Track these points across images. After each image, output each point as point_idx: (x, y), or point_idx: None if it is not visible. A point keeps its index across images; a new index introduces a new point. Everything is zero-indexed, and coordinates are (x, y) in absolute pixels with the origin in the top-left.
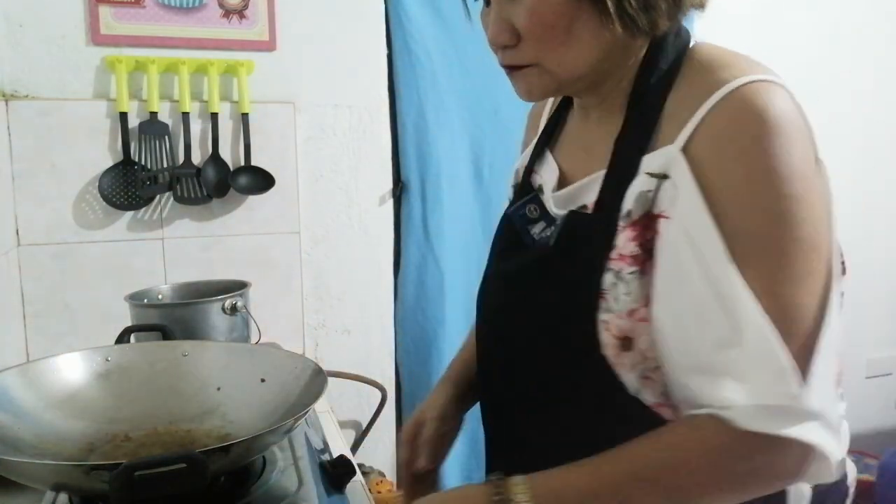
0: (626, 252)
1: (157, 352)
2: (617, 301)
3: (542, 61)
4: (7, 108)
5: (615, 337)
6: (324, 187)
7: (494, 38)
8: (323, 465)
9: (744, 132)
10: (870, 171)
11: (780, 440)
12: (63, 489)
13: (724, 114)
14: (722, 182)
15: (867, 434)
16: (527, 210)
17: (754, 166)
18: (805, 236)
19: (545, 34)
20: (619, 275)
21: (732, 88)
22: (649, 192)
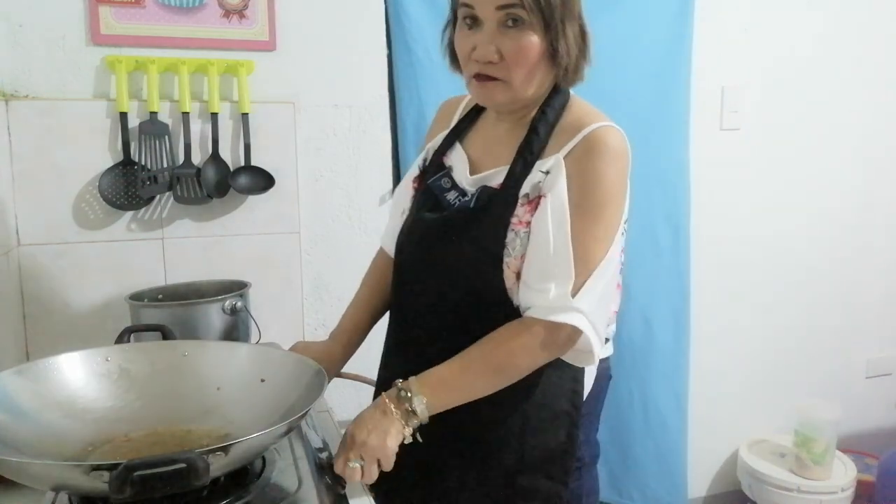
0: (523, 219)
1: (157, 352)
2: (514, 249)
3: (510, 80)
4: (7, 108)
5: (512, 272)
6: (324, 187)
7: (486, 56)
8: (323, 465)
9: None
10: (869, 172)
11: (557, 324)
12: (63, 489)
13: (586, 141)
14: (575, 177)
15: (867, 434)
16: (442, 182)
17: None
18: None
19: (521, 64)
20: (518, 233)
21: (593, 128)
22: (539, 182)
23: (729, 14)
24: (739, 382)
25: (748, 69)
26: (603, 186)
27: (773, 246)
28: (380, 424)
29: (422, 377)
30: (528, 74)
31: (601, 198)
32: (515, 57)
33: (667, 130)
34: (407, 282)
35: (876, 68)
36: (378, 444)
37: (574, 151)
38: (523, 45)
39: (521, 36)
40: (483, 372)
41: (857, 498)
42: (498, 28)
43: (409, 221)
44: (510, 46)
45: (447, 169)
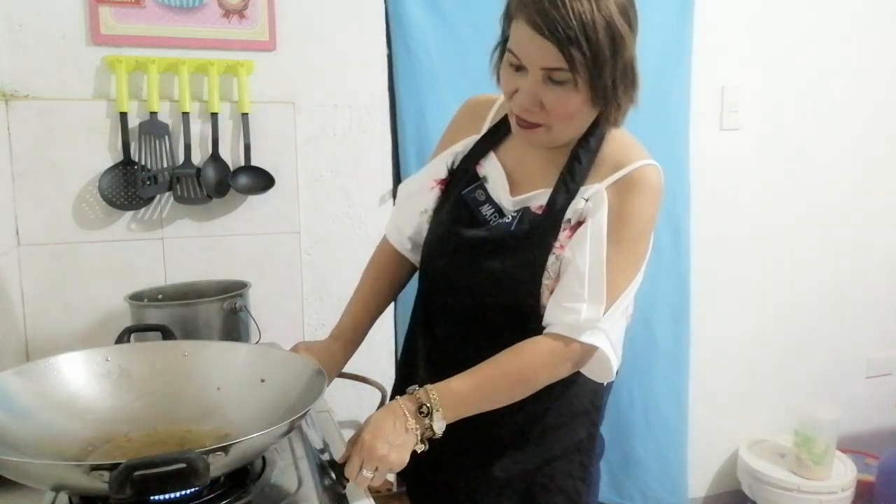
0: (565, 244)
1: (157, 352)
2: (553, 273)
3: (552, 127)
4: (7, 108)
5: (548, 291)
6: (324, 187)
7: (525, 107)
8: (323, 465)
9: (634, 190)
10: (869, 172)
11: (583, 343)
12: (63, 489)
13: (630, 178)
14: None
15: (867, 434)
16: (476, 194)
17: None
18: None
19: (562, 115)
20: (558, 257)
21: (639, 166)
22: (580, 209)
23: (729, 14)
24: (739, 382)
25: (748, 69)
26: (641, 223)
27: (772, 246)
28: (399, 439)
29: (441, 392)
30: (568, 124)
31: (637, 233)
32: (557, 110)
33: (667, 130)
34: (439, 292)
35: (876, 68)
36: (397, 459)
37: (617, 184)
38: (564, 101)
39: (563, 92)
40: (503, 387)
41: (857, 498)
42: (542, 81)
43: (440, 231)
44: (552, 100)
45: (481, 180)
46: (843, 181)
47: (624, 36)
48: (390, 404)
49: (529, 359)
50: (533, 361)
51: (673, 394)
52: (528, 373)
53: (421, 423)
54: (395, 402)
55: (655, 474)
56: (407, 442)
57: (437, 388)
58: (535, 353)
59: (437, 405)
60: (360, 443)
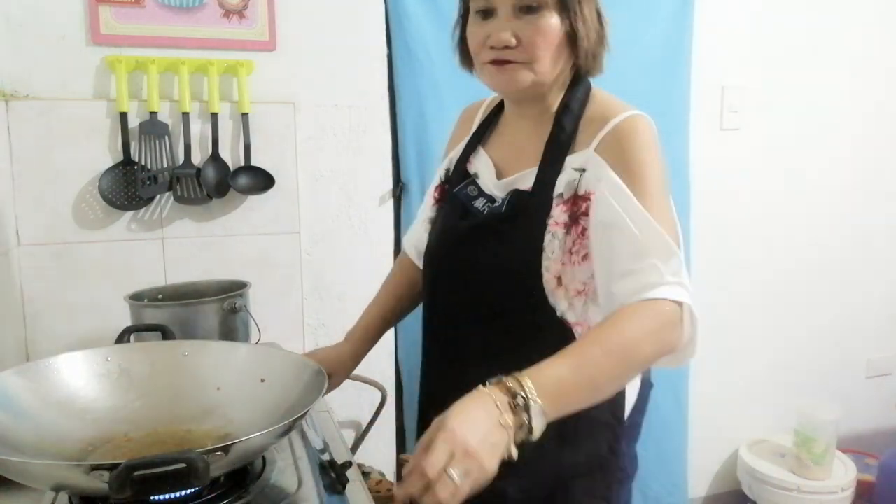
0: (560, 220)
1: (157, 352)
2: (553, 252)
3: (532, 61)
4: (7, 108)
5: (552, 276)
6: (324, 187)
7: (504, 40)
8: (323, 465)
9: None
10: (869, 172)
11: (678, 302)
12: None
13: (616, 131)
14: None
15: (867, 434)
16: (468, 190)
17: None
18: (661, 187)
19: (542, 46)
20: (555, 235)
21: (623, 118)
22: (574, 180)
23: (729, 14)
24: (739, 382)
25: (748, 69)
26: (649, 170)
27: (772, 245)
28: (494, 437)
29: (537, 379)
30: (551, 57)
31: (654, 180)
32: (535, 40)
33: (666, 130)
34: (440, 292)
35: (876, 68)
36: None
37: (604, 142)
38: (542, 27)
39: (538, 20)
40: (607, 366)
41: (857, 498)
42: (514, 14)
43: (437, 231)
44: (529, 31)
45: (472, 176)
46: (843, 181)
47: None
48: (474, 393)
49: (629, 328)
50: (635, 331)
51: (673, 394)
52: (631, 345)
53: (518, 418)
54: (481, 390)
55: (655, 474)
56: (500, 442)
57: (530, 373)
58: (633, 321)
59: (535, 395)
60: (445, 430)
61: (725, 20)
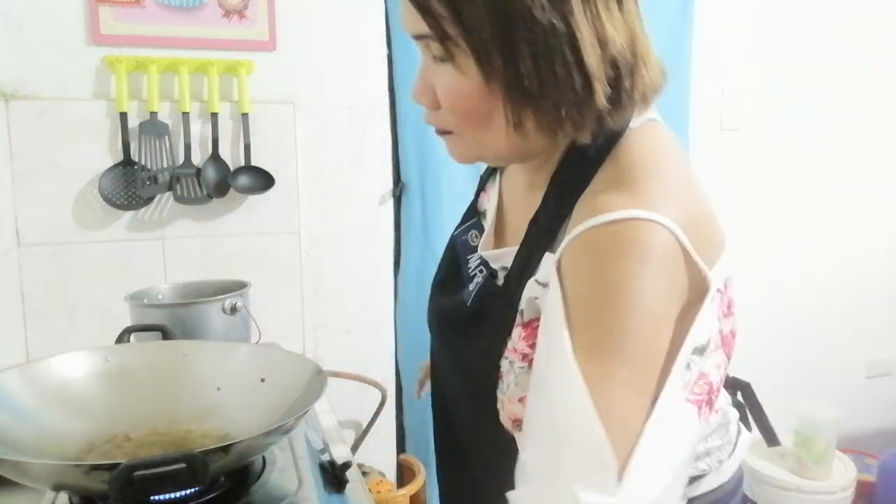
0: (518, 348)
1: (157, 352)
2: (508, 387)
3: (461, 133)
4: (7, 108)
5: (508, 418)
6: (324, 187)
7: (415, 98)
8: (323, 465)
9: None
10: (869, 172)
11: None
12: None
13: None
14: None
15: (867, 434)
16: (469, 236)
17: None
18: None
19: (458, 110)
20: (512, 364)
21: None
22: (536, 298)
23: (729, 14)
24: None
25: (748, 69)
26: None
27: (772, 246)
28: None
29: None
30: (476, 124)
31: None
32: (446, 100)
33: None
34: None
35: (876, 68)
36: None
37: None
38: (451, 85)
39: (448, 73)
40: None
41: (857, 498)
42: (431, 60)
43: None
44: (439, 86)
45: (479, 216)
46: (843, 181)
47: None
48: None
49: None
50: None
51: None
52: None
53: None
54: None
55: None
56: None
57: None
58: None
59: None
60: None
61: (726, 20)
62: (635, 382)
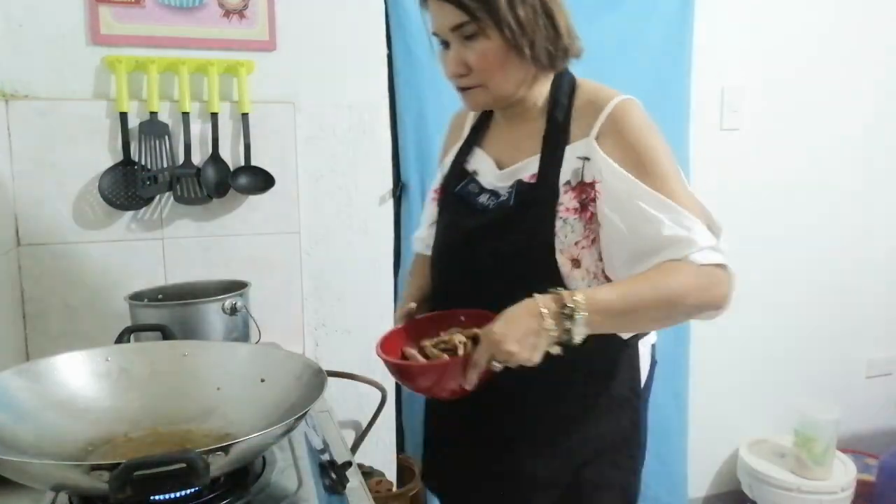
0: (570, 206)
1: (157, 352)
2: (566, 237)
3: (486, 83)
4: (7, 108)
5: (567, 259)
6: (324, 187)
7: (454, 71)
8: (323, 465)
9: (623, 127)
10: (869, 171)
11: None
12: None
13: (611, 119)
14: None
15: (867, 434)
16: (469, 188)
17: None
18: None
19: (489, 68)
20: (566, 221)
21: (616, 103)
22: (578, 169)
23: (729, 14)
24: (739, 382)
25: (748, 69)
26: (653, 152)
27: (772, 246)
28: (531, 339)
29: (589, 295)
30: (500, 75)
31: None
32: (481, 64)
33: (667, 130)
34: (453, 290)
35: (876, 68)
36: (526, 357)
37: (603, 132)
38: (482, 52)
39: (479, 45)
40: (651, 303)
41: (857, 498)
42: (461, 44)
43: (442, 231)
44: (473, 57)
45: (471, 175)
46: (843, 181)
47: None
48: (527, 301)
49: (681, 278)
50: (684, 282)
51: (673, 394)
52: (680, 293)
53: (560, 324)
54: (534, 299)
55: (655, 474)
56: (540, 343)
57: (582, 290)
58: (683, 271)
59: (583, 307)
60: (490, 333)
61: (725, 20)
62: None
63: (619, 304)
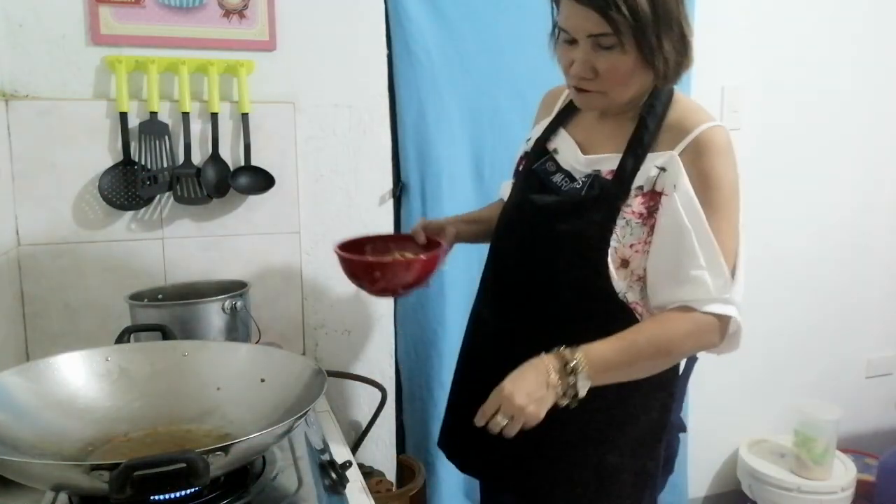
0: (637, 210)
1: (157, 352)
2: (623, 238)
3: (607, 92)
4: (7, 108)
5: (618, 258)
6: (324, 187)
7: (580, 74)
8: (323, 465)
9: (705, 153)
10: (869, 171)
11: (721, 316)
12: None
13: (698, 142)
14: (695, 177)
15: (867, 434)
16: (546, 166)
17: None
18: (732, 208)
19: (616, 80)
20: (629, 222)
21: (704, 129)
22: (653, 177)
23: (729, 14)
24: (739, 382)
25: (748, 69)
26: (724, 183)
27: (772, 246)
28: (539, 393)
29: (589, 352)
30: (623, 86)
31: (726, 195)
32: (609, 75)
33: None
34: (511, 259)
35: (876, 68)
36: (534, 412)
37: (688, 151)
38: (616, 64)
39: (613, 56)
40: (647, 355)
41: (857, 498)
42: (592, 48)
43: (513, 202)
44: (604, 66)
45: (550, 153)
46: (844, 181)
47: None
48: (534, 360)
49: (674, 328)
50: (678, 331)
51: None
52: (675, 342)
53: (565, 380)
54: (540, 358)
55: None
56: (546, 398)
57: (584, 349)
58: (680, 322)
59: (584, 366)
60: (500, 389)
61: (726, 20)
62: (733, 232)
63: (617, 357)
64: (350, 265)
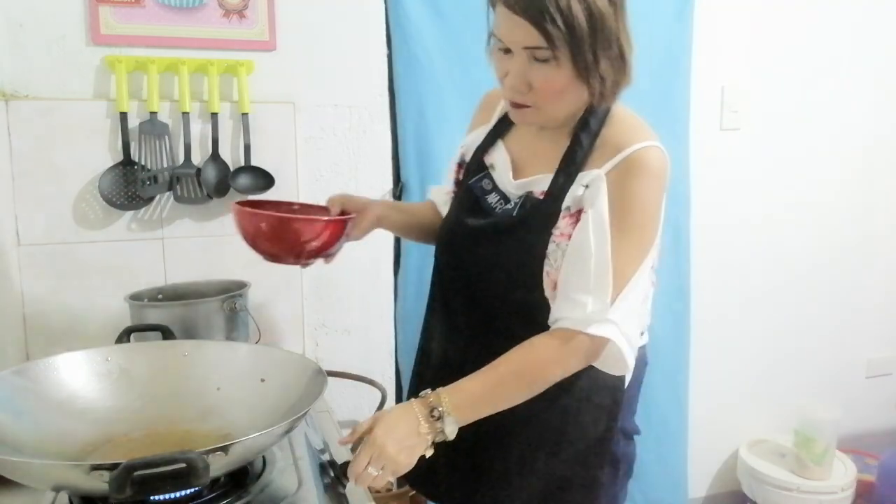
0: (565, 232)
1: (157, 352)
2: (555, 261)
3: (542, 107)
4: (7, 108)
5: (551, 281)
6: (324, 187)
7: (514, 86)
8: (323, 465)
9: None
10: (869, 171)
11: (592, 336)
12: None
13: (628, 161)
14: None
15: (867, 434)
16: (482, 183)
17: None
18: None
19: (549, 95)
20: (559, 245)
21: (635, 149)
22: (579, 196)
23: (729, 14)
24: (739, 382)
25: (748, 69)
26: (642, 208)
27: (773, 246)
28: (410, 441)
29: (453, 394)
30: (557, 102)
31: (640, 219)
32: (543, 89)
33: (667, 130)
34: (451, 286)
35: (876, 67)
36: (406, 462)
37: (616, 169)
38: (550, 79)
39: (548, 70)
40: (515, 386)
41: (857, 498)
42: (528, 61)
43: (449, 222)
44: (538, 80)
45: (488, 169)
46: (843, 181)
47: (602, 9)
48: (405, 405)
49: (539, 354)
50: (543, 357)
51: (673, 394)
52: (538, 369)
53: (433, 427)
54: (410, 404)
55: (655, 474)
56: (417, 445)
57: (449, 390)
58: (544, 348)
59: (449, 409)
60: (371, 440)
61: (725, 21)
62: (635, 256)
63: (484, 392)
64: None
